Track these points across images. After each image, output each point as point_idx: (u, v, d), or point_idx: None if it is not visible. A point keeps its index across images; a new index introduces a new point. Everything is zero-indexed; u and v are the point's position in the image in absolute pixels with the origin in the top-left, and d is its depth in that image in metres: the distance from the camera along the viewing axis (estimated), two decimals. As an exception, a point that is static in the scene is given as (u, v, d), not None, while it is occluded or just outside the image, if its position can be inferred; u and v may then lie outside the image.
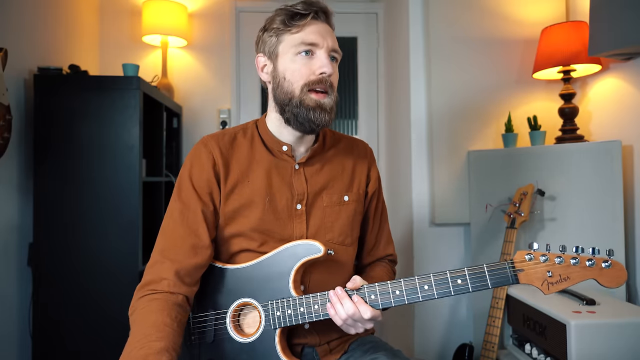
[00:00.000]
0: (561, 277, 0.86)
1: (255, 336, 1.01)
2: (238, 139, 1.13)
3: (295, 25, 1.03)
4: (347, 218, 1.14)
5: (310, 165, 1.13)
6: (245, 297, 1.03)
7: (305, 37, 1.03)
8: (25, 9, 1.95)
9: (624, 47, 1.66)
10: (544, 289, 0.88)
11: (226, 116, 2.76)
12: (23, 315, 1.91)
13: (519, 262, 0.89)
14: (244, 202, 1.07)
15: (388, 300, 0.95)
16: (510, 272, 0.89)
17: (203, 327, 1.05)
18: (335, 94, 1.07)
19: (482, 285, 0.90)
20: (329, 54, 1.05)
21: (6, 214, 1.82)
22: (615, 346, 1.39)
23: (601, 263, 0.85)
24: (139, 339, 0.88)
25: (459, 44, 2.19)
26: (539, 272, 0.88)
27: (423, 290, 0.93)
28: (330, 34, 1.06)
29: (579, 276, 0.86)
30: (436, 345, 2.21)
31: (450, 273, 0.92)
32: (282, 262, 1.02)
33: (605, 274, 0.85)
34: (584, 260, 0.86)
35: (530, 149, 1.98)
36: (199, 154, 1.09)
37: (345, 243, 1.14)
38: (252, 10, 2.86)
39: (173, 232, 1.04)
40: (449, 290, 0.91)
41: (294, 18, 1.04)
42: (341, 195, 1.14)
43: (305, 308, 0.98)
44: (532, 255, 0.89)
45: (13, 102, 1.80)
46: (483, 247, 2.05)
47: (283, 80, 1.05)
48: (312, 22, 1.04)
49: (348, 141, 1.23)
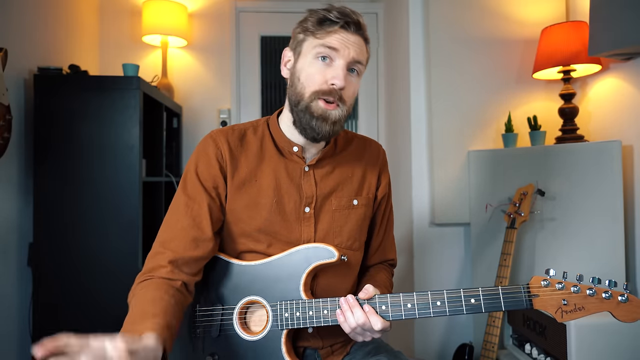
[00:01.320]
0: (576, 307, 0.86)
1: (261, 335, 1.01)
2: (248, 135, 1.11)
3: (324, 30, 1.00)
4: (356, 222, 1.12)
5: (320, 167, 1.11)
6: (253, 295, 1.03)
7: (328, 41, 1.00)
8: (25, 9, 1.95)
9: (624, 47, 1.66)
10: (558, 317, 0.87)
11: (226, 116, 2.76)
12: (23, 315, 1.91)
13: (534, 288, 0.88)
14: (250, 202, 1.06)
15: (399, 312, 0.94)
16: (525, 297, 0.89)
17: (209, 321, 1.05)
18: (348, 107, 1.04)
19: (495, 307, 0.89)
20: (348, 66, 1.01)
21: (6, 214, 1.82)
22: (615, 346, 1.39)
23: (618, 297, 0.85)
24: (135, 314, 0.88)
25: (459, 44, 2.19)
26: (554, 299, 0.87)
27: (435, 306, 0.92)
28: (356, 45, 1.01)
29: (594, 307, 0.86)
30: (436, 345, 2.21)
31: (464, 292, 0.91)
32: (293, 264, 1.02)
33: (621, 308, 0.85)
34: (601, 292, 0.86)
35: (530, 149, 1.98)
36: (206, 147, 1.08)
37: (354, 247, 1.12)
38: (252, 10, 2.86)
39: (176, 224, 1.03)
40: (461, 309, 0.91)
41: (324, 23, 1.01)
42: (350, 198, 1.12)
43: (314, 312, 0.98)
44: (548, 282, 0.88)
45: (13, 102, 1.80)
46: (483, 247, 2.05)
47: (298, 80, 1.04)
48: (339, 31, 1.00)
49: (361, 142, 1.20)
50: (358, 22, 1.02)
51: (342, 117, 1.03)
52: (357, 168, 1.15)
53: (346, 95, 1.03)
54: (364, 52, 1.04)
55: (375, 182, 1.17)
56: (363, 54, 1.04)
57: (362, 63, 1.04)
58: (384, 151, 1.23)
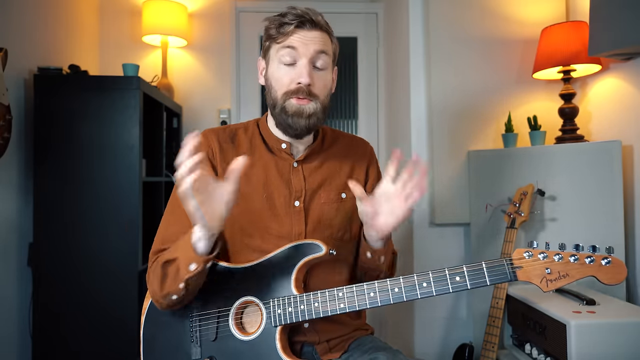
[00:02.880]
0: (560, 274, 0.87)
1: (256, 334, 1.02)
2: (239, 135, 1.17)
3: (282, 34, 1.05)
4: (345, 214, 1.15)
5: (308, 162, 1.16)
6: (248, 295, 1.04)
7: (287, 43, 1.05)
8: (25, 9, 1.95)
9: (624, 47, 1.66)
10: (543, 286, 0.88)
11: (226, 116, 2.76)
12: (23, 315, 1.91)
13: (517, 259, 0.90)
14: (241, 198, 1.09)
15: (387, 297, 0.95)
16: (509, 268, 0.89)
17: (206, 325, 1.05)
18: (322, 100, 1.09)
19: (480, 282, 0.90)
20: (312, 61, 1.06)
21: (6, 214, 1.82)
22: (615, 346, 1.39)
23: (600, 260, 0.85)
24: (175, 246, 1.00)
25: (459, 43, 2.19)
26: (537, 269, 0.88)
27: (422, 287, 0.93)
28: (315, 39, 1.06)
29: (578, 273, 0.86)
30: (436, 345, 2.21)
31: (449, 270, 0.92)
32: (284, 261, 1.04)
33: (604, 270, 0.85)
34: (583, 257, 0.87)
35: (530, 149, 1.98)
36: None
37: (344, 239, 1.16)
38: (252, 10, 2.86)
39: (172, 224, 1.09)
40: (447, 288, 0.92)
41: (281, 27, 1.05)
42: (339, 192, 1.16)
43: (306, 305, 0.99)
44: (530, 253, 0.89)
45: (13, 102, 1.80)
46: (483, 247, 2.05)
47: (271, 86, 1.10)
48: (296, 31, 1.05)
49: (347, 140, 1.25)
50: (312, 19, 1.05)
51: (318, 109, 1.08)
52: (344, 163, 1.20)
53: (317, 90, 1.08)
54: (327, 43, 1.08)
55: (363, 177, 1.21)
56: (326, 45, 1.08)
57: (326, 52, 1.08)
58: (371, 147, 1.28)
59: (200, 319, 1.06)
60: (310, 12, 1.06)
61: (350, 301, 0.97)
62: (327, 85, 1.11)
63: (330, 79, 1.12)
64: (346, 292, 0.98)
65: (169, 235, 1.08)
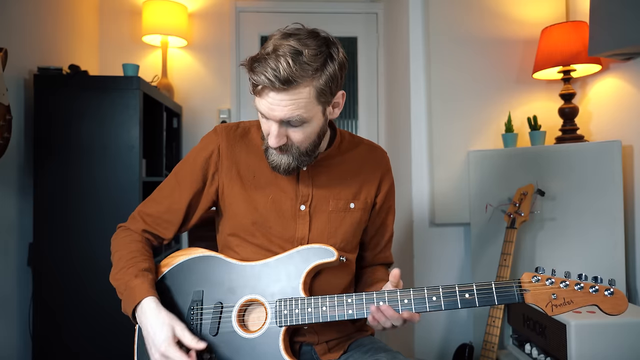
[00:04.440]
0: (565, 301, 0.91)
1: (259, 332, 1.02)
2: (251, 133, 1.15)
3: (256, 91, 0.96)
4: (350, 225, 1.13)
5: (318, 168, 1.12)
6: (254, 294, 1.04)
7: (258, 105, 0.98)
8: (25, 9, 1.95)
9: (624, 47, 1.66)
10: (548, 310, 0.92)
11: (226, 116, 2.76)
12: (23, 315, 1.91)
13: (525, 283, 0.93)
14: (247, 197, 1.09)
15: (396, 308, 0.96)
16: (517, 291, 0.93)
17: (208, 319, 1.05)
18: (303, 149, 1.02)
19: (489, 301, 0.94)
20: (283, 123, 0.98)
21: (6, 214, 1.82)
22: (615, 346, 1.39)
23: (604, 291, 0.90)
24: (127, 258, 1.09)
25: (459, 44, 2.19)
26: (544, 294, 0.92)
27: (431, 301, 0.95)
28: (283, 103, 0.94)
29: (582, 301, 0.91)
30: (436, 345, 2.21)
31: (459, 287, 0.95)
32: (293, 264, 1.04)
33: (607, 301, 0.90)
34: (588, 286, 0.91)
35: (530, 149, 1.98)
36: (208, 140, 1.14)
37: (347, 250, 1.14)
38: (252, 10, 2.86)
39: (160, 201, 1.14)
40: (456, 303, 0.94)
41: (254, 86, 0.96)
42: (347, 201, 1.13)
43: (313, 309, 0.99)
44: (538, 278, 0.93)
45: (13, 102, 1.80)
46: (483, 247, 2.05)
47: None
48: (265, 90, 0.94)
49: (365, 148, 1.20)
50: (283, 77, 0.91)
51: (294, 160, 1.03)
52: (357, 172, 1.16)
53: (294, 142, 1.01)
54: (300, 104, 0.95)
55: (375, 189, 1.17)
56: (298, 107, 0.95)
57: (299, 114, 0.96)
58: (387, 158, 1.23)
59: (201, 313, 1.06)
60: (283, 65, 0.90)
61: (359, 308, 0.98)
62: (308, 136, 1.01)
63: (310, 131, 1.00)
64: (355, 299, 0.98)
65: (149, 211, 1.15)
